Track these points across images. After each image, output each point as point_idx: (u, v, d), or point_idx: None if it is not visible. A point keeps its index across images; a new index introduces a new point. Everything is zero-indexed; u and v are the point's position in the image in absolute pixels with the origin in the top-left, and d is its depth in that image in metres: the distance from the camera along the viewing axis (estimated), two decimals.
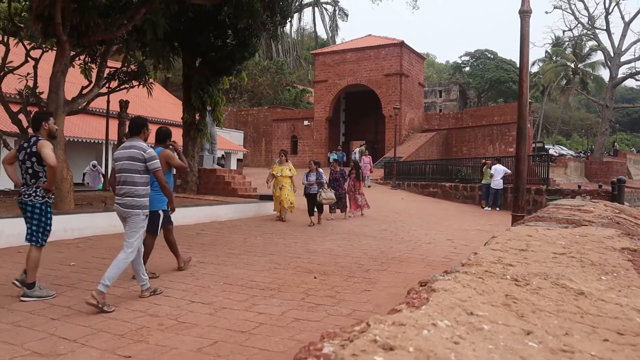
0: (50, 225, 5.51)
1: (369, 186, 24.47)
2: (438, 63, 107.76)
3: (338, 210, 14.11)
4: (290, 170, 13.06)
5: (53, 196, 5.67)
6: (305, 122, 42.11)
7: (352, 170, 15.21)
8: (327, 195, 12.63)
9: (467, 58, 73.41)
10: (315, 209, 12.80)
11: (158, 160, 5.43)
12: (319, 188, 12.61)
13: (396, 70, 37.50)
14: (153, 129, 17.53)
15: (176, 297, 5.47)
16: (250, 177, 19.81)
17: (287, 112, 45.73)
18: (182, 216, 10.92)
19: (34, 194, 5.33)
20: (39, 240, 5.43)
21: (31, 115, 5.67)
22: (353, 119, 43.10)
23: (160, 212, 6.32)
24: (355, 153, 39.22)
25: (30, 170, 5.33)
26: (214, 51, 14.76)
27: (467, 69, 73.55)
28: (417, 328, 0.76)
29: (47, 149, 5.27)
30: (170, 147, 6.89)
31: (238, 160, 35.99)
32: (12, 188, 18.12)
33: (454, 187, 21.77)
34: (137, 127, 5.48)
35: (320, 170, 13.06)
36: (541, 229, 2.25)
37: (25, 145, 5.38)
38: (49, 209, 5.46)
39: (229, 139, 35.72)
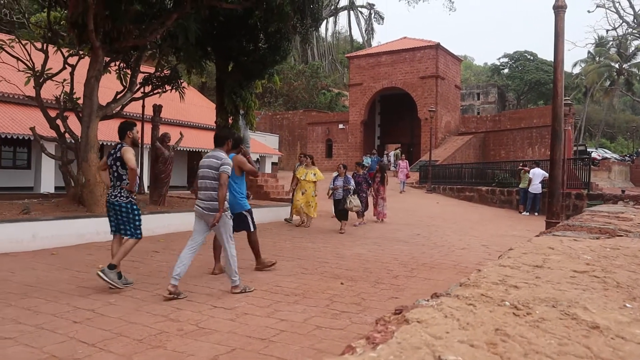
0: (139, 219, 6.10)
1: (403, 191, 23.97)
2: (476, 65, 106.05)
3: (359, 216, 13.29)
4: (315, 174, 12.37)
5: (135, 196, 6.19)
6: (340, 126, 41.93)
7: (377, 173, 14.50)
8: (355, 202, 11.90)
9: (505, 60, 71.84)
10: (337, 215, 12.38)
11: (228, 166, 5.78)
12: (346, 194, 11.93)
13: (432, 73, 36.95)
14: (187, 132, 17.66)
15: (199, 301, 5.42)
16: (285, 180, 19.79)
17: (322, 115, 45.65)
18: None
19: (119, 195, 5.94)
20: (134, 234, 6.05)
21: (118, 125, 6.32)
22: (388, 122, 42.67)
23: (246, 213, 6.99)
24: (389, 156, 38.86)
25: (115, 174, 5.96)
26: (246, 55, 14.77)
27: (506, 70, 71.97)
28: None
29: (129, 154, 5.88)
30: (241, 152, 7.14)
31: (273, 163, 36.09)
32: (52, 191, 18.62)
33: (490, 191, 21.26)
34: (220, 139, 6.00)
35: (349, 175, 12.53)
36: (567, 239, 1.99)
37: (112, 152, 6.00)
38: (134, 207, 6.05)
39: (264, 143, 35.87)
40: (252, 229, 7.09)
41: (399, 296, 5.88)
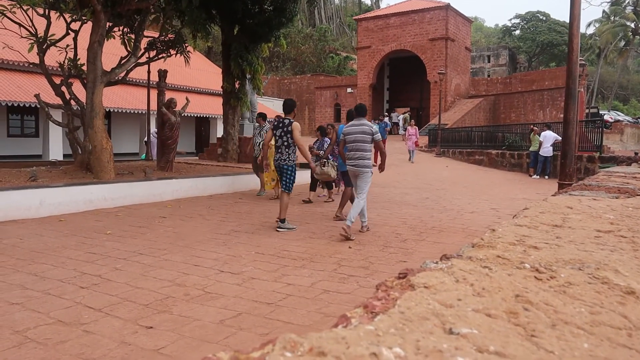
0: (294, 178, 7.74)
1: (412, 162, 21.26)
2: (486, 27, 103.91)
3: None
4: None
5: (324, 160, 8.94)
6: (349, 90, 41.44)
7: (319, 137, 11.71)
8: (325, 169, 9.40)
9: (517, 21, 70.20)
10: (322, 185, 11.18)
11: (379, 134, 7.38)
12: (316, 160, 9.96)
13: (442, 35, 36.19)
14: (194, 98, 17.51)
15: (206, 266, 5.39)
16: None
17: (330, 79, 45.09)
18: (220, 185, 10.89)
19: (288, 159, 7.62)
20: (289, 188, 7.65)
21: (284, 102, 8.05)
22: (397, 85, 42.08)
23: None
24: (398, 119, 38.40)
25: (285, 143, 7.62)
26: (251, 18, 14.46)
27: (518, 32, 70.38)
28: None
29: (297, 131, 7.58)
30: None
31: None
32: (60, 159, 18.64)
33: (500, 155, 21.00)
34: (361, 110, 7.41)
35: (327, 139, 10.75)
36: (586, 199, 1.85)
37: (281, 125, 7.68)
38: (295, 168, 7.74)
39: (271, 108, 35.59)
40: (352, 185, 8.28)
41: (408, 260, 5.81)
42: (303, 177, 11.77)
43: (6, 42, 14.13)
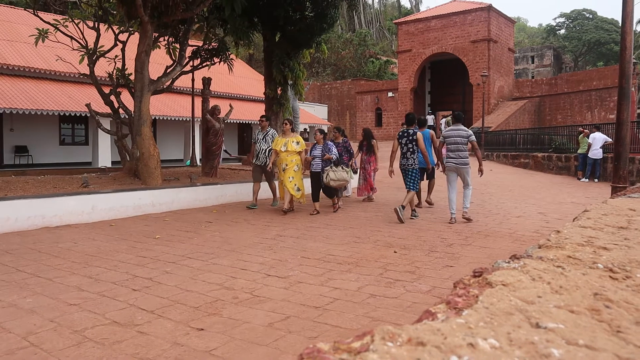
0: (418, 179, 9.06)
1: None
2: (530, 27, 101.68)
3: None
4: (298, 143, 9.79)
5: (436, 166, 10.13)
6: (390, 94, 41.24)
7: (364, 141, 11.80)
8: (337, 175, 9.61)
9: (562, 19, 68.44)
10: (325, 193, 10.30)
11: (473, 135, 8.84)
12: (327, 165, 9.77)
13: (484, 36, 35.62)
14: (236, 104, 17.80)
15: (253, 270, 5.46)
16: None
17: (371, 84, 45.00)
18: (263, 190, 11.01)
19: (413, 164, 8.85)
20: (415, 187, 8.95)
21: (405, 115, 9.76)
22: (439, 89, 41.60)
23: (430, 167, 9.86)
24: (440, 123, 37.94)
25: (411, 150, 8.87)
26: (293, 24, 14.58)
27: (563, 31, 68.61)
28: (442, 352, 0.50)
29: (420, 140, 8.87)
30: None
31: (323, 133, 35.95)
32: (109, 166, 19.24)
33: (547, 158, 20.47)
34: (459, 118, 9.20)
35: (330, 142, 10.34)
36: None
37: (406, 134, 8.95)
38: (418, 171, 8.97)
39: (312, 113, 35.80)
40: (433, 177, 10.74)
41: (454, 264, 5.74)
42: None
43: (59, 54, 14.72)
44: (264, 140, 10.45)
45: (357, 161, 11.99)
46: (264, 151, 10.41)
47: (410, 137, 8.90)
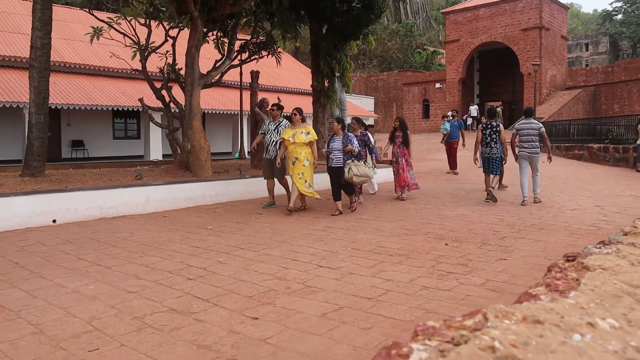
0: (500, 164, 10.21)
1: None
2: (584, 13, 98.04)
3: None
4: (308, 134, 8.82)
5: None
6: (437, 85, 40.63)
7: (397, 131, 10.61)
8: (360, 170, 8.61)
9: (619, 4, 65.50)
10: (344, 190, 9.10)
11: (543, 127, 9.90)
12: (348, 159, 8.74)
13: (535, 24, 34.55)
14: (284, 97, 17.90)
15: (304, 261, 5.49)
16: (381, 142, 19.55)
17: (418, 75, 44.43)
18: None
19: (497, 152, 9.97)
20: (497, 172, 10.25)
21: (487, 110, 11.51)
22: (488, 79, 40.67)
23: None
24: (477, 112, 36.98)
25: (494, 140, 9.94)
26: (340, 16, 14.53)
27: (620, 16, 65.68)
28: (563, 330, 0.48)
29: (503, 132, 10.01)
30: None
31: (369, 126, 35.83)
32: (160, 159, 19.73)
33: (603, 149, 19.69)
34: (529, 112, 10.50)
35: (350, 134, 9.19)
36: None
37: (489, 126, 10.07)
38: (501, 159, 10.09)
39: (359, 105, 35.63)
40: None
41: (508, 258, 5.60)
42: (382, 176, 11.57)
43: (112, 51, 15.18)
44: (276, 131, 9.42)
45: (388, 153, 11.10)
46: (274, 143, 9.40)
47: (494, 129, 10.06)
